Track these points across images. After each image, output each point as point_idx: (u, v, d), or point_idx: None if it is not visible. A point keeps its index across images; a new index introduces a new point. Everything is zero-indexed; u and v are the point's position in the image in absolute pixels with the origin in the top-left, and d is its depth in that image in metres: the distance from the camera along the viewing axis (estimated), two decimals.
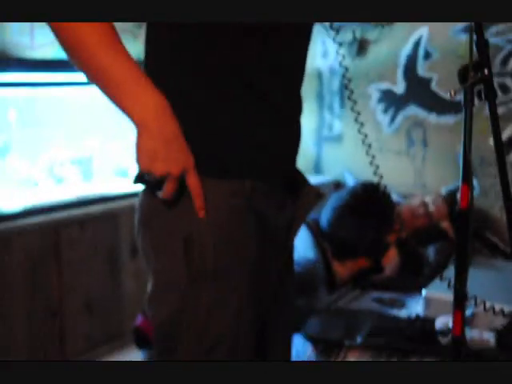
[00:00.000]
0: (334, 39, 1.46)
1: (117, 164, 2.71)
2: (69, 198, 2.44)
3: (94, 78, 0.95)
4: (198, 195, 0.99)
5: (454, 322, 1.25)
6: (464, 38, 2.90)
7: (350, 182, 3.30)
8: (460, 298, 1.25)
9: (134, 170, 1.00)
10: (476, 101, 1.19)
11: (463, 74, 1.17)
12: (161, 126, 0.95)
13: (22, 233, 2.23)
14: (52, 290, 2.33)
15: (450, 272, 1.36)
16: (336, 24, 1.48)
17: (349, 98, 1.45)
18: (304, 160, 1.22)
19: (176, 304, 1.02)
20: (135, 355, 2.22)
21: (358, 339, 1.85)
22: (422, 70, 3.16)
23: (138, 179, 1.00)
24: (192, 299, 1.02)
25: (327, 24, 1.43)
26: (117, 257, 2.53)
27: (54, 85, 2.54)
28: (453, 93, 1.19)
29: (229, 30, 1.00)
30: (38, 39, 2.57)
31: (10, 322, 2.22)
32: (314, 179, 3.28)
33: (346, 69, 1.48)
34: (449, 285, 1.26)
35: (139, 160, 0.96)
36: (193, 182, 0.98)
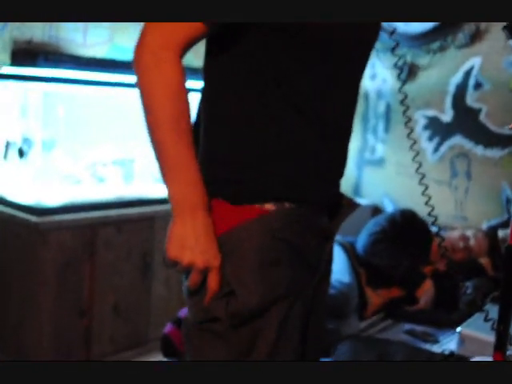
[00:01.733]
0: (395, 64, 1.45)
1: (157, 169, 2.72)
2: (108, 198, 2.47)
3: (154, 147, 1.02)
4: (211, 292, 1.03)
5: None
6: None
7: (389, 207, 3.27)
8: (502, 341, 1.22)
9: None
10: None
11: None
12: (195, 220, 1.01)
13: (60, 228, 2.26)
14: (83, 289, 2.34)
15: (489, 310, 1.33)
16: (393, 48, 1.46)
17: (406, 125, 1.44)
18: (344, 182, 1.23)
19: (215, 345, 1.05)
20: None
21: None
22: (471, 100, 3.12)
23: (167, 265, 1.04)
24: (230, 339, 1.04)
25: (384, 48, 1.41)
26: (149, 262, 2.54)
27: (103, 84, 2.57)
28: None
29: (285, 57, 1.03)
30: (90, 38, 2.61)
31: (39, 317, 2.24)
32: None
33: (406, 95, 1.46)
34: (492, 327, 1.23)
35: (168, 246, 1.02)
36: (213, 279, 1.03)
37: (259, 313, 1.03)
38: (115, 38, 2.67)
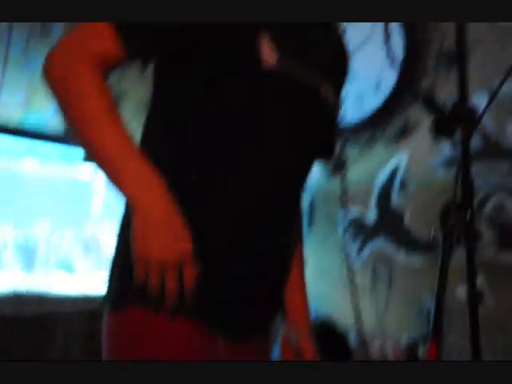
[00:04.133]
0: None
1: (62, 255, 2.62)
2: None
3: (91, 150, 0.99)
4: (189, 291, 0.96)
5: None
6: (442, 173, 2.85)
7: None
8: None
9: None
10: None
11: (444, 215, 1.15)
12: (151, 203, 0.93)
13: None
14: None
15: None
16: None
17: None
18: None
19: None
20: None
21: None
22: (396, 200, 3.12)
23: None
24: None
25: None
26: None
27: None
28: (432, 232, 1.20)
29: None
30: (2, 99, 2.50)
31: None
32: None
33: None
34: None
35: (135, 246, 0.92)
36: (189, 273, 0.95)
37: None
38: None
